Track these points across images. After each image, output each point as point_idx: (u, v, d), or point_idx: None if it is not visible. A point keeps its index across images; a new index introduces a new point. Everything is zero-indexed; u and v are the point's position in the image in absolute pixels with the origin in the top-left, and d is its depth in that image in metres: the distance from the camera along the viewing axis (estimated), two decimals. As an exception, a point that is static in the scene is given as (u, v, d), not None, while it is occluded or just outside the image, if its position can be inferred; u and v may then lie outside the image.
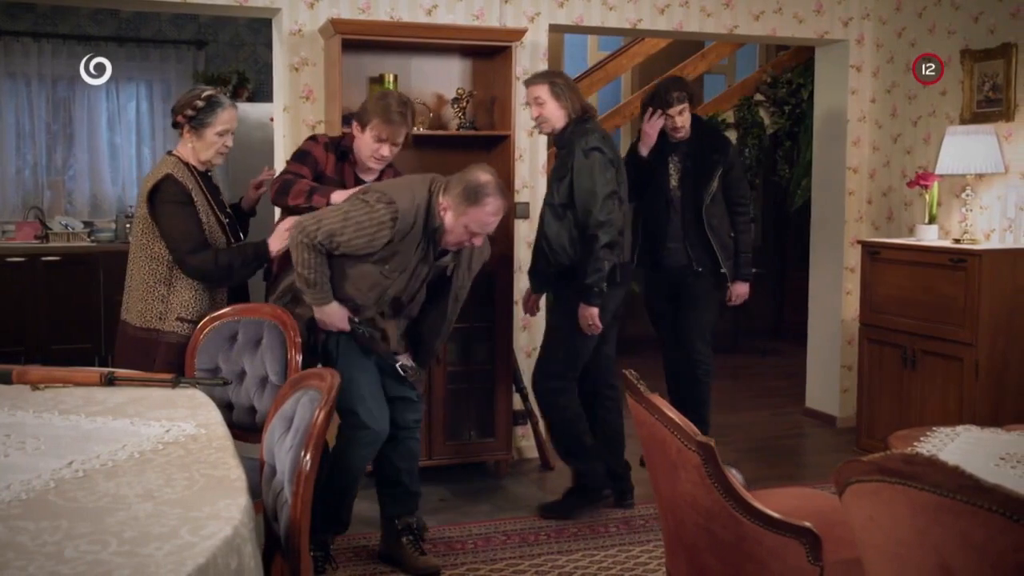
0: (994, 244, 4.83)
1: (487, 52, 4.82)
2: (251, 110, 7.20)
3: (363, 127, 3.71)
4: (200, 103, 3.42)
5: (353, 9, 4.74)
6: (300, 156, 3.87)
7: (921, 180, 5.01)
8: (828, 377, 5.92)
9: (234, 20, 7.62)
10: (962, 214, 4.86)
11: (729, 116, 8.61)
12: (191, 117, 3.43)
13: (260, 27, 7.61)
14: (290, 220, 3.50)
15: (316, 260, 3.30)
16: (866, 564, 2.13)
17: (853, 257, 5.58)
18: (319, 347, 3.51)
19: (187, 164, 3.47)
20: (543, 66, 5.11)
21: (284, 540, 2.00)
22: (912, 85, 5.46)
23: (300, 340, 3.18)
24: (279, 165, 4.87)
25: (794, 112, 8.15)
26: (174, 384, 2.72)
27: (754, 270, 7.86)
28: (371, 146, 3.70)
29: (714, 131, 5.04)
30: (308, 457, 1.94)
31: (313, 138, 4.00)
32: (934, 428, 3.43)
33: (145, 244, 3.40)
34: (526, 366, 5.05)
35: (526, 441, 5.11)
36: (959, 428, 3.40)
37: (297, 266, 3.33)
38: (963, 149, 4.71)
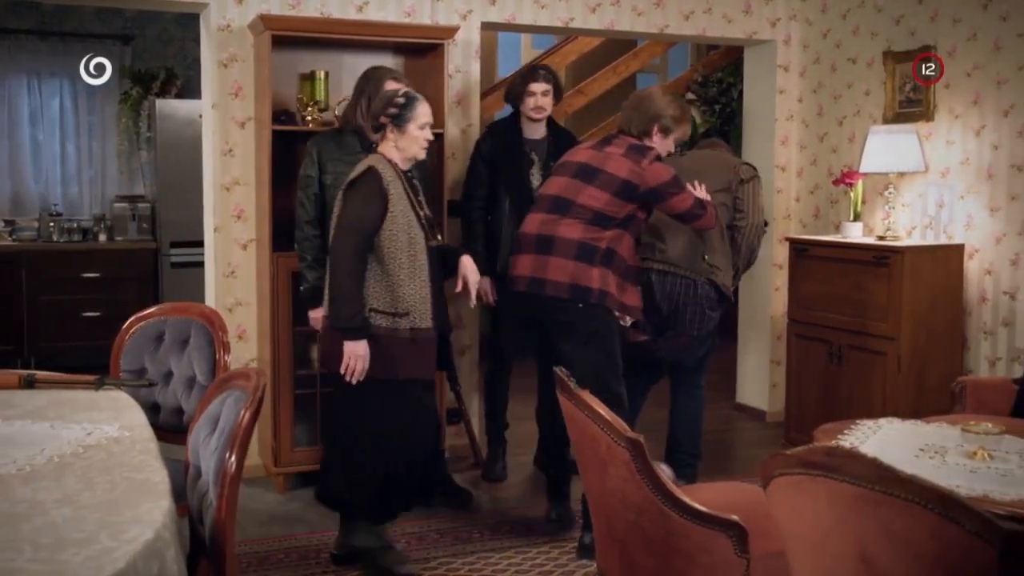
0: (915, 241, 4.95)
1: (419, 49, 4.80)
2: (180, 107, 7.09)
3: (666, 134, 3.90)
4: (400, 100, 3.51)
5: (283, 5, 4.68)
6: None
7: (846, 178, 5.12)
8: (758, 372, 6.02)
9: (161, 15, 7.48)
10: (885, 212, 4.97)
11: (661, 115, 8.69)
12: (394, 116, 3.50)
13: (189, 22, 7.47)
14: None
15: None
16: (790, 555, 2.17)
17: (781, 254, 5.68)
18: None
19: (391, 162, 3.51)
20: (475, 64, 5.11)
21: (209, 543, 1.97)
22: (837, 85, 5.58)
23: (228, 340, 3.13)
24: (208, 162, 4.80)
25: (725, 111, 8.26)
26: (97, 386, 2.67)
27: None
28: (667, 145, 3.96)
29: (568, 132, 5.03)
30: (233, 458, 1.92)
31: None
32: (858, 421, 3.51)
33: None
34: (460, 364, 5.05)
35: (460, 439, 5.10)
36: (881, 421, 3.48)
37: None
38: (885, 148, 4.83)
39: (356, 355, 3.38)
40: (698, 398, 4.52)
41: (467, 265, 3.67)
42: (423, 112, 3.53)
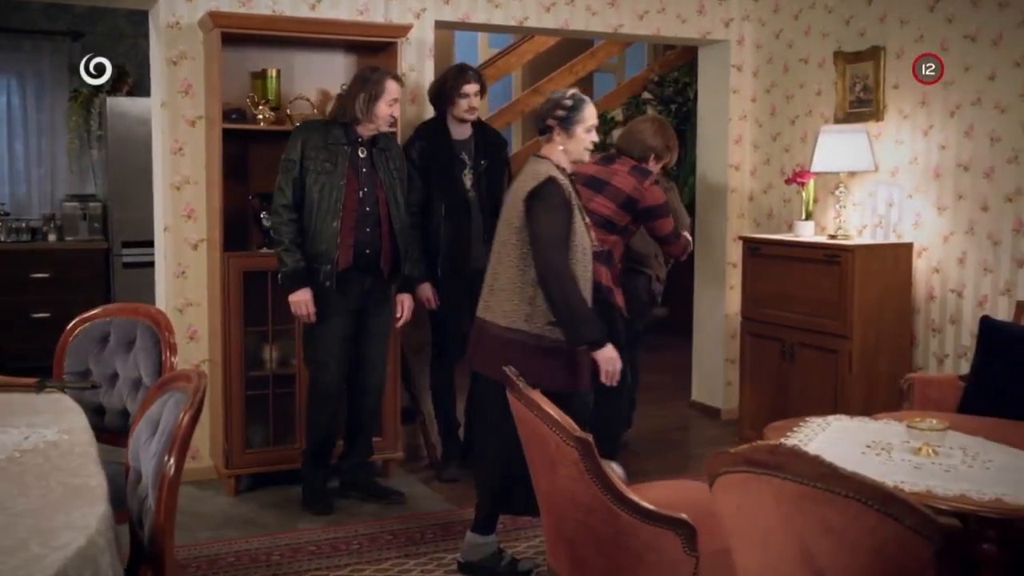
0: (866, 240, 5.01)
1: (372, 48, 4.78)
2: (131, 105, 6.98)
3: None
4: (568, 102, 3.50)
5: (233, 2, 4.63)
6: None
7: (798, 178, 5.16)
8: (713, 371, 6.05)
9: (112, 11, 7.36)
10: (836, 211, 5.02)
11: (618, 114, 8.74)
12: (562, 118, 3.47)
13: (140, 19, 7.34)
14: None
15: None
16: (735, 553, 2.19)
17: (735, 253, 5.71)
18: None
19: (559, 167, 3.49)
20: (429, 63, 5.09)
21: (148, 548, 1.94)
22: (790, 85, 5.63)
23: (175, 341, 3.09)
24: (157, 161, 4.74)
25: (681, 110, 8.31)
26: (38, 389, 2.62)
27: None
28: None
29: (494, 130, 5.00)
30: (172, 461, 1.89)
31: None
32: (807, 419, 3.54)
33: (516, 244, 3.41)
34: (413, 364, 5.03)
35: (416, 439, 5.08)
36: (830, 418, 3.52)
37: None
38: (836, 148, 4.87)
39: (612, 358, 3.42)
40: (635, 363, 5.08)
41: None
42: (590, 114, 3.53)
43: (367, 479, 4.45)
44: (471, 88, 4.59)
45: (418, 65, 5.05)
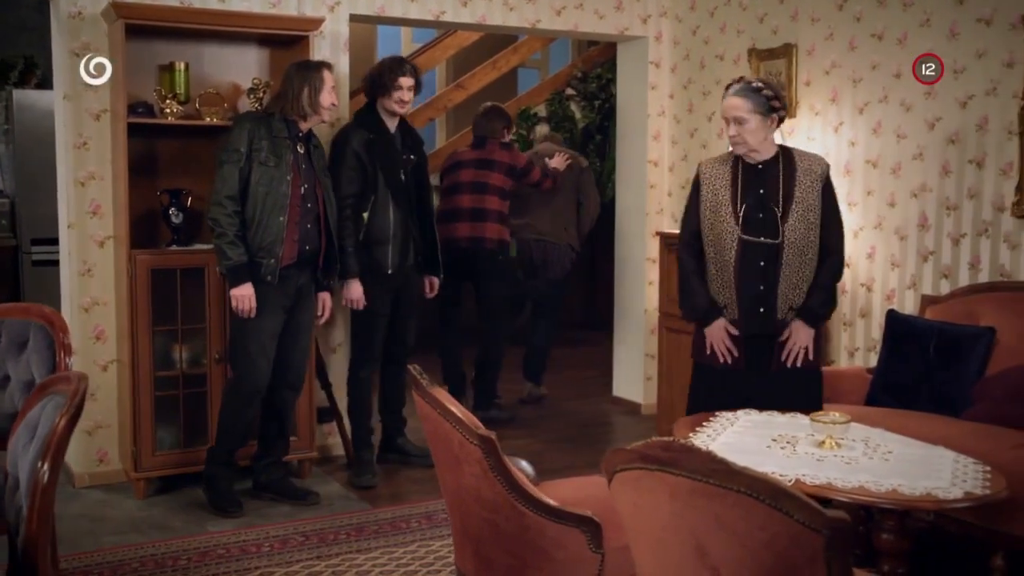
0: (780, 235, 5.06)
1: (285, 41, 4.68)
2: (39, 98, 6.76)
3: None
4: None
5: (139, -8, 4.50)
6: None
7: (714, 174, 5.20)
8: (633, 366, 6.08)
9: (17, 1, 7.13)
10: (751, 206, 5.06)
11: (541, 110, 8.73)
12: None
13: (48, 8, 7.14)
14: None
15: None
16: (633, 550, 2.18)
17: (654, 249, 5.75)
18: None
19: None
20: (344, 57, 5.01)
21: (22, 558, 1.87)
22: (706, 81, 5.67)
23: (69, 342, 2.99)
24: (61, 156, 4.59)
25: (604, 107, 8.33)
26: (-81, 393, 2.51)
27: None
28: None
29: (413, 128, 4.94)
30: (46, 467, 1.82)
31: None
32: (717, 413, 3.57)
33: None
34: (331, 361, 4.96)
35: (332, 439, 5.01)
36: (739, 412, 3.55)
37: None
38: (750, 144, 4.91)
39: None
40: (555, 322, 6.30)
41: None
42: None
43: (281, 480, 4.38)
44: (406, 82, 4.55)
45: (333, 59, 4.95)
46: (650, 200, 5.93)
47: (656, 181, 5.95)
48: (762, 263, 3.52)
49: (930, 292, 4.46)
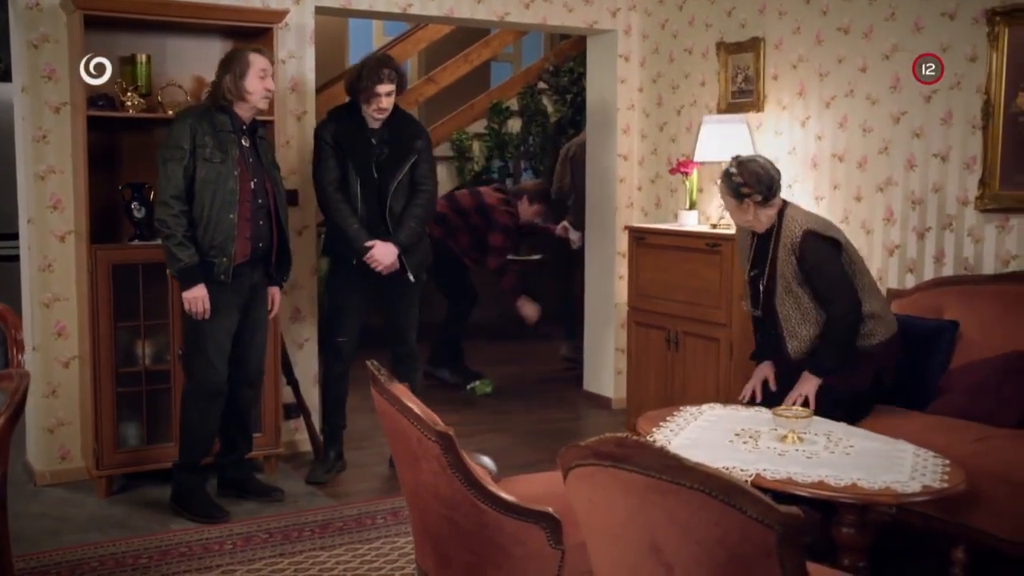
0: (748, 229, 5.07)
1: (249, 33, 4.63)
2: None
3: None
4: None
5: (99, -17, 4.43)
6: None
7: (682, 167, 5.20)
8: (603, 360, 6.08)
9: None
10: (719, 200, 5.06)
11: (513, 103, 8.71)
12: None
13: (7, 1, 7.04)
14: None
15: None
16: (589, 546, 2.16)
17: (624, 243, 5.73)
18: None
19: None
20: (310, 50, 4.96)
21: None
22: (675, 75, 5.66)
23: (22, 338, 2.94)
24: (20, 149, 4.52)
25: (576, 100, 8.31)
26: None
27: (537, 256, 7.94)
28: None
29: (409, 115, 4.79)
30: (-15, 469, 1.77)
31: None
32: (681, 408, 3.56)
33: None
34: (297, 357, 4.92)
35: (299, 435, 4.97)
36: (704, 406, 3.55)
37: None
38: (718, 137, 4.92)
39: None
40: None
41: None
42: None
43: (246, 476, 4.34)
44: (383, 88, 4.37)
45: (298, 52, 4.92)
46: (620, 194, 5.92)
47: (625, 175, 5.94)
48: (770, 329, 3.84)
49: (895, 286, 4.47)
